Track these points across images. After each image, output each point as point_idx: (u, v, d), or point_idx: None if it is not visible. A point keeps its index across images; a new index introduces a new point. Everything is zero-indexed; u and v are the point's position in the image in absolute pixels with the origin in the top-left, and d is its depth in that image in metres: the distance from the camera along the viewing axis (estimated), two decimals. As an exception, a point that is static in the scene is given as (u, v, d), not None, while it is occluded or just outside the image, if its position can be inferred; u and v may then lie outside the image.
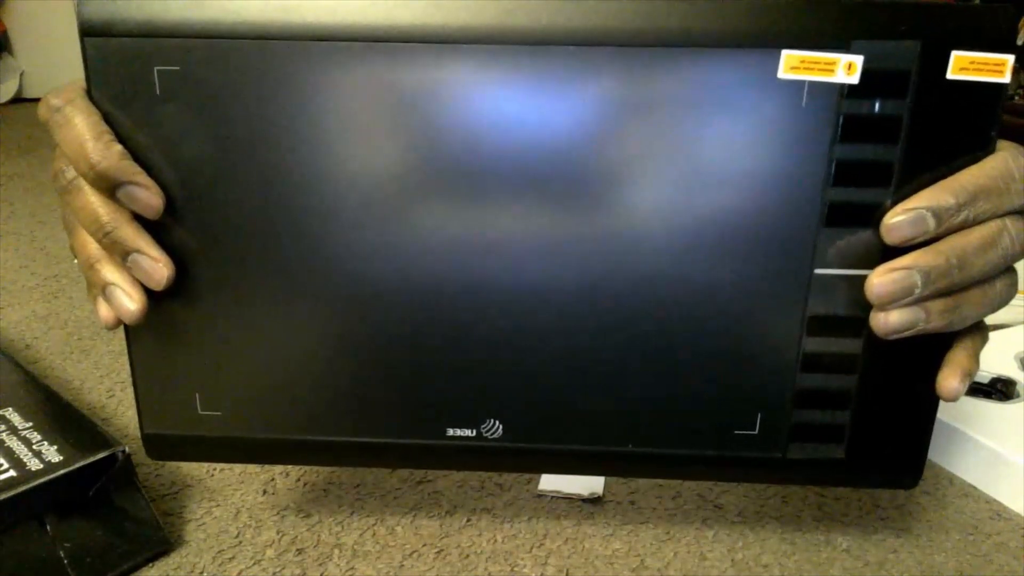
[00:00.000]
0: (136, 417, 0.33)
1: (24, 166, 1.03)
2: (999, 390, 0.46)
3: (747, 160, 0.28)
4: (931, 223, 0.27)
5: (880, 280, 0.28)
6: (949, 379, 0.29)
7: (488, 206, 0.29)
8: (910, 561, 0.36)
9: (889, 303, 0.28)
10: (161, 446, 0.33)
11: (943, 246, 0.27)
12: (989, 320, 0.30)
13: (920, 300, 0.28)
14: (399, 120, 0.28)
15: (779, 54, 0.27)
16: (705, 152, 0.28)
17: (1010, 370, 0.48)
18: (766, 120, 0.28)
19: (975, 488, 0.42)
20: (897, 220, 0.27)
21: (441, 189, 0.29)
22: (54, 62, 1.49)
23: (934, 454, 0.44)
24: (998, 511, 0.40)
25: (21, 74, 1.54)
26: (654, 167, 0.29)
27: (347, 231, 0.30)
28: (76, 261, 0.31)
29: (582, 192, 0.29)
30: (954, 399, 0.30)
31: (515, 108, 0.28)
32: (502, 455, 0.33)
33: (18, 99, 1.53)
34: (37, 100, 0.32)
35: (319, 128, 0.28)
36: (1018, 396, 0.46)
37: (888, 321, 0.28)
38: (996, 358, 0.49)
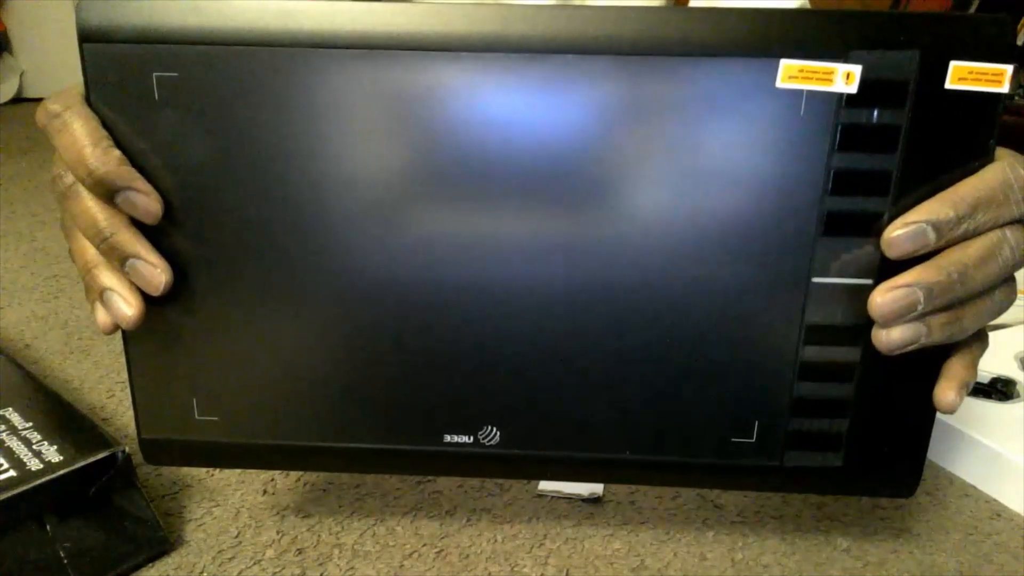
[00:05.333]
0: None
1: (24, 166, 1.03)
2: (999, 390, 0.46)
3: (745, 169, 0.28)
4: (931, 236, 0.27)
5: (883, 298, 0.28)
6: (946, 392, 0.29)
7: (485, 214, 0.29)
8: (910, 561, 0.36)
9: (892, 321, 0.28)
10: (158, 451, 0.33)
11: (944, 261, 0.27)
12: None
13: (922, 316, 0.28)
14: (397, 127, 0.28)
15: (777, 63, 0.27)
16: (703, 161, 0.28)
17: (1010, 370, 0.48)
18: (764, 129, 0.28)
19: (975, 488, 0.42)
20: (897, 234, 0.27)
21: (438, 197, 0.29)
22: (54, 62, 1.50)
23: (934, 454, 0.44)
24: (998, 511, 0.40)
25: (21, 74, 1.54)
26: (653, 176, 0.29)
27: (344, 238, 0.30)
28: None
29: (580, 200, 0.29)
30: (951, 412, 0.30)
31: (514, 116, 0.28)
32: (499, 462, 0.33)
33: (18, 99, 1.53)
34: (37, 100, 0.32)
35: (317, 135, 0.28)
36: (1018, 396, 0.46)
37: (891, 338, 0.28)
38: (996, 358, 0.49)
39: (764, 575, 0.35)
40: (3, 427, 0.36)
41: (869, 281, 0.29)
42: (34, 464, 0.33)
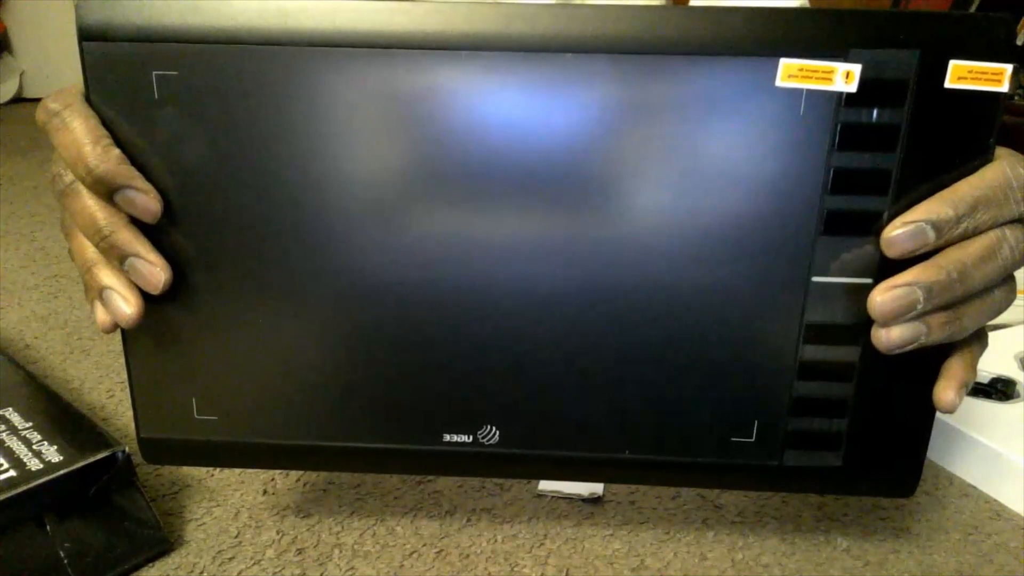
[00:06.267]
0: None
1: (24, 166, 1.03)
2: (999, 390, 0.46)
3: (745, 168, 0.28)
4: (931, 236, 0.27)
5: (882, 298, 0.28)
6: (946, 391, 0.29)
7: (485, 213, 0.29)
8: (910, 561, 0.36)
9: (892, 320, 0.28)
10: (158, 450, 0.33)
11: (943, 260, 0.27)
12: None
13: (921, 315, 0.28)
14: (398, 126, 0.28)
15: (777, 62, 0.27)
16: (703, 160, 0.28)
17: (1010, 370, 0.48)
18: (764, 128, 0.28)
19: (975, 488, 0.42)
20: (897, 233, 0.27)
21: (437, 196, 0.29)
22: (54, 62, 1.50)
23: (934, 454, 0.44)
24: (998, 511, 0.40)
25: (21, 74, 1.54)
26: (652, 175, 0.29)
27: (344, 237, 0.30)
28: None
29: (579, 199, 0.29)
30: (951, 411, 0.30)
31: (514, 115, 0.28)
32: (499, 461, 0.33)
33: (18, 99, 1.53)
34: (37, 100, 0.32)
35: (317, 133, 0.28)
36: (1018, 396, 0.46)
37: (890, 337, 0.28)
38: (996, 358, 0.49)
39: (764, 575, 0.35)
40: (3, 427, 0.36)
41: (869, 280, 0.29)
42: (34, 464, 0.33)
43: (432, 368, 0.31)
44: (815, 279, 0.29)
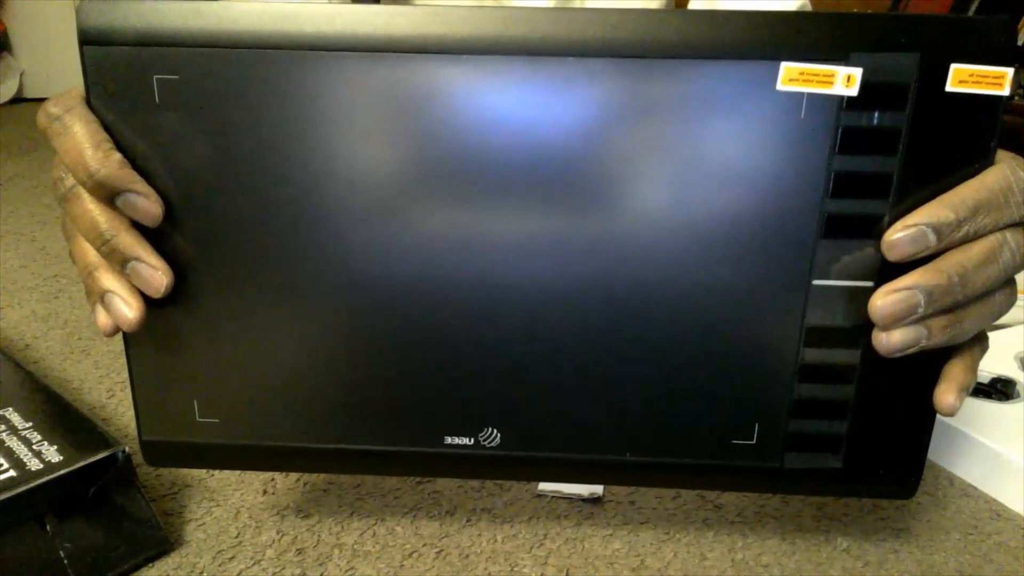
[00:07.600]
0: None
1: (24, 166, 1.03)
2: (999, 390, 0.46)
3: (746, 171, 0.28)
4: (932, 239, 0.27)
5: (883, 301, 0.28)
6: (946, 395, 0.29)
7: (486, 216, 0.29)
8: (910, 561, 0.36)
9: (892, 323, 0.28)
10: (160, 453, 0.33)
11: (944, 264, 0.27)
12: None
13: (922, 319, 0.28)
14: (398, 130, 0.28)
15: (778, 66, 0.27)
16: (704, 163, 0.28)
17: (1010, 370, 0.48)
18: (765, 132, 0.28)
19: (975, 488, 0.42)
20: (898, 237, 0.27)
21: (438, 199, 0.29)
22: (54, 62, 1.50)
23: (934, 454, 0.44)
24: (998, 511, 0.40)
25: (21, 74, 1.54)
26: (653, 179, 0.29)
27: (345, 240, 0.30)
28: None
29: (581, 203, 0.29)
30: (951, 414, 0.30)
31: (515, 119, 0.28)
32: (500, 463, 0.33)
33: (18, 99, 1.53)
34: (37, 100, 0.32)
35: (318, 137, 0.28)
36: (1018, 396, 0.46)
37: (891, 341, 0.28)
38: (996, 358, 0.49)
39: (764, 575, 0.35)
40: (3, 427, 0.36)
41: (869, 283, 0.29)
42: (34, 464, 0.33)
43: (433, 371, 0.31)
44: (816, 282, 0.29)
